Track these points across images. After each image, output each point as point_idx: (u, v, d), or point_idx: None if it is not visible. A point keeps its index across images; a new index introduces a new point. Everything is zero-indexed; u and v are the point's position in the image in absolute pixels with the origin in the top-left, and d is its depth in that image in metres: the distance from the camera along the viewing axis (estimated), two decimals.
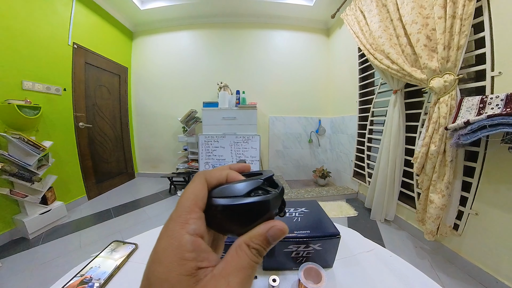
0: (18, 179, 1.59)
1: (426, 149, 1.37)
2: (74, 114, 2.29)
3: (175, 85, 3.27)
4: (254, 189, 0.17)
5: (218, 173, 0.18)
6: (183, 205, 0.15)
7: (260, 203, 0.16)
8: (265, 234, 0.15)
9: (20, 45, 1.74)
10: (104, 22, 2.72)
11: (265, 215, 0.16)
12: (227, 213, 0.16)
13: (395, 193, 1.79)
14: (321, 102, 3.28)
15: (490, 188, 1.17)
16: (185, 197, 0.16)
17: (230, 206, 0.16)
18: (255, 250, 0.15)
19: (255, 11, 3.00)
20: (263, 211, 0.16)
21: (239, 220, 0.16)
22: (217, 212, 0.16)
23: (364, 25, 1.93)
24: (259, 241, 0.15)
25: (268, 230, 0.15)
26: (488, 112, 1.06)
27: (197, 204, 0.15)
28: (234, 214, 0.16)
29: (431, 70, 1.32)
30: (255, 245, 0.15)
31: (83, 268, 0.56)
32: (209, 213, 0.16)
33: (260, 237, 0.15)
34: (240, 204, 0.16)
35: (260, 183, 0.17)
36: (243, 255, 0.14)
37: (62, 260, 1.42)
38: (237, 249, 0.15)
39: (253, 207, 0.16)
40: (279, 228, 0.16)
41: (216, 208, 0.16)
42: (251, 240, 0.15)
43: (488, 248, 1.17)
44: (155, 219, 2.05)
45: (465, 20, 1.17)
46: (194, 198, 0.16)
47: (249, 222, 0.16)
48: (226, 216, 0.16)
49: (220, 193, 0.17)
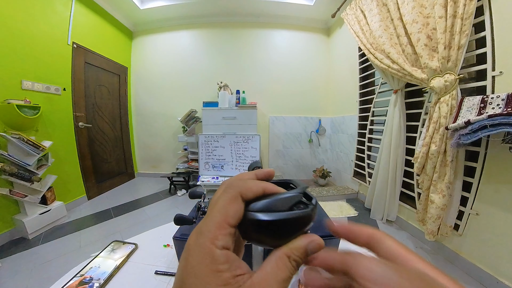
0: (17, 179, 1.59)
1: (426, 149, 1.37)
2: (74, 114, 2.29)
3: (175, 84, 3.27)
4: (296, 204, 0.17)
5: (254, 187, 0.17)
6: (213, 219, 0.15)
7: (304, 217, 0.17)
8: (305, 247, 0.16)
9: (20, 44, 1.74)
10: (103, 22, 2.72)
11: (305, 227, 0.17)
12: (271, 228, 0.16)
13: (396, 193, 1.79)
14: (321, 102, 3.27)
15: (491, 188, 1.17)
16: (217, 210, 0.16)
17: (275, 222, 0.16)
18: (294, 262, 0.15)
19: (255, 10, 2.99)
20: (304, 224, 0.17)
21: (281, 233, 0.17)
22: (260, 227, 0.16)
23: (365, 24, 1.93)
24: (299, 254, 0.16)
25: (309, 243, 0.16)
26: (489, 112, 1.06)
27: (226, 220, 0.15)
28: (278, 228, 0.16)
29: (431, 70, 1.32)
30: (296, 257, 0.15)
31: (83, 268, 0.57)
32: (248, 227, 0.17)
33: (301, 249, 0.16)
34: (285, 219, 0.16)
35: (301, 197, 0.18)
36: (283, 266, 0.15)
37: (62, 260, 1.42)
38: (277, 261, 0.15)
39: (297, 221, 0.17)
40: (319, 243, 0.16)
41: (260, 223, 0.16)
42: (292, 252, 0.15)
43: (489, 248, 1.17)
44: (155, 219, 2.05)
45: (466, 20, 1.17)
46: (225, 213, 0.16)
47: (289, 235, 0.17)
48: (269, 231, 0.16)
49: (262, 208, 0.17)
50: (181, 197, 2.58)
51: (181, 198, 2.56)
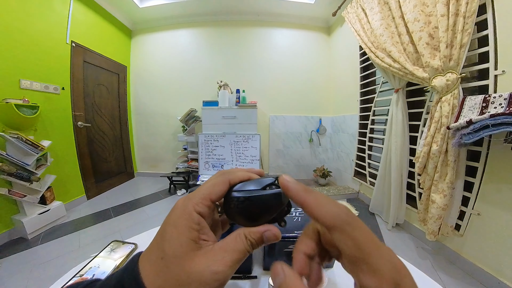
0: (16, 179, 1.58)
1: (428, 148, 1.36)
2: (73, 113, 2.28)
3: (175, 84, 3.25)
4: (269, 185, 0.20)
5: (241, 174, 0.21)
6: (200, 192, 0.19)
7: (274, 195, 0.19)
8: (261, 233, 0.18)
9: (18, 43, 1.72)
10: (102, 20, 2.70)
11: (272, 209, 0.20)
12: (241, 205, 0.19)
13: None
14: (322, 101, 3.26)
15: (493, 188, 1.16)
16: (205, 187, 0.20)
17: (244, 198, 0.19)
18: (249, 242, 0.18)
19: (255, 8, 2.97)
20: (271, 205, 0.19)
21: (250, 212, 0.19)
22: (238, 202, 0.19)
23: (366, 23, 1.91)
24: (255, 237, 0.18)
25: (265, 231, 0.18)
26: (491, 111, 1.05)
27: (210, 195, 0.19)
28: (248, 206, 0.19)
29: (433, 69, 1.31)
30: (251, 239, 0.18)
31: (82, 268, 0.56)
32: (228, 204, 0.20)
33: (257, 233, 0.18)
34: (253, 197, 0.19)
35: (273, 180, 0.20)
36: (240, 241, 0.18)
37: (61, 260, 1.41)
38: (236, 236, 0.18)
39: (268, 198, 0.19)
40: (274, 233, 0.19)
41: (238, 199, 0.19)
42: (249, 233, 0.18)
43: (490, 249, 1.16)
44: (154, 218, 2.05)
45: (468, 18, 1.16)
46: (211, 190, 0.19)
47: (257, 216, 0.20)
48: (240, 209, 0.19)
49: (239, 188, 0.20)
50: (181, 197, 2.56)
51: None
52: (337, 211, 0.16)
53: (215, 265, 0.16)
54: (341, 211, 0.16)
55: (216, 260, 0.16)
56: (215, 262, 0.16)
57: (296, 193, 0.17)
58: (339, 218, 0.15)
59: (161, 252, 0.16)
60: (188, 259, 0.16)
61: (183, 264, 0.16)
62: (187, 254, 0.16)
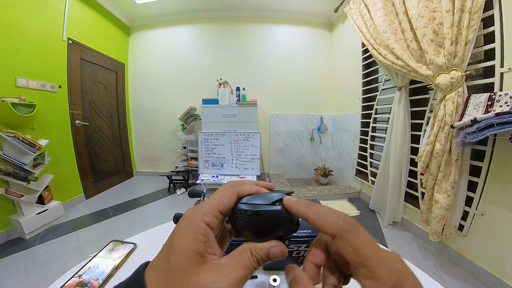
0: (13, 178, 1.56)
1: (431, 147, 1.34)
2: (70, 111, 2.25)
3: (174, 81, 3.22)
4: (278, 201, 0.20)
5: (250, 187, 0.21)
6: (209, 202, 0.19)
7: (287, 211, 0.19)
8: (268, 249, 0.18)
9: (13, 40, 1.69)
10: (99, 17, 2.65)
11: (280, 225, 0.19)
12: (253, 218, 0.19)
13: (402, 194, 1.74)
14: (323, 99, 3.23)
15: (497, 188, 1.14)
16: (214, 197, 0.20)
17: (252, 212, 0.19)
18: (255, 258, 0.18)
19: (255, 4, 2.93)
20: (278, 221, 0.19)
21: (256, 226, 0.19)
22: (245, 216, 0.19)
23: (368, 19, 1.88)
24: (261, 253, 0.18)
25: (272, 247, 0.18)
26: (497, 110, 1.03)
27: (218, 206, 0.19)
28: (260, 219, 0.19)
29: (437, 66, 1.28)
30: (257, 255, 0.18)
31: (81, 268, 0.56)
32: (235, 217, 0.20)
33: (264, 249, 0.18)
34: (261, 211, 0.19)
35: (282, 196, 0.20)
36: (245, 257, 0.17)
37: (60, 261, 1.40)
38: (242, 252, 0.18)
39: (280, 214, 0.19)
40: (281, 249, 0.18)
41: (245, 212, 0.19)
42: (255, 249, 0.18)
43: (494, 250, 1.15)
44: (154, 218, 2.03)
45: (474, 14, 1.13)
46: (219, 201, 0.19)
47: (264, 231, 0.19)
48: (247, 222, 0.19)
49: (247, 201, 0.20)
50: (180, 196, 2.56)
51: (180, 197, 2.53)
52: (336, 220, 0.17)
53: (220, 282, 0.15)
54: (340, 220, 0.17)
55: (221, 276, 0.16)
56: (220, 279, 0.16)
57: (298, 209, 0.19)
58: (337, 226, 0.16)
59: (167, 264, 0.16)
60: (193, 273, 0.16)
61: (188, 278, 0.15)
62: (192, 268, 0.16)
